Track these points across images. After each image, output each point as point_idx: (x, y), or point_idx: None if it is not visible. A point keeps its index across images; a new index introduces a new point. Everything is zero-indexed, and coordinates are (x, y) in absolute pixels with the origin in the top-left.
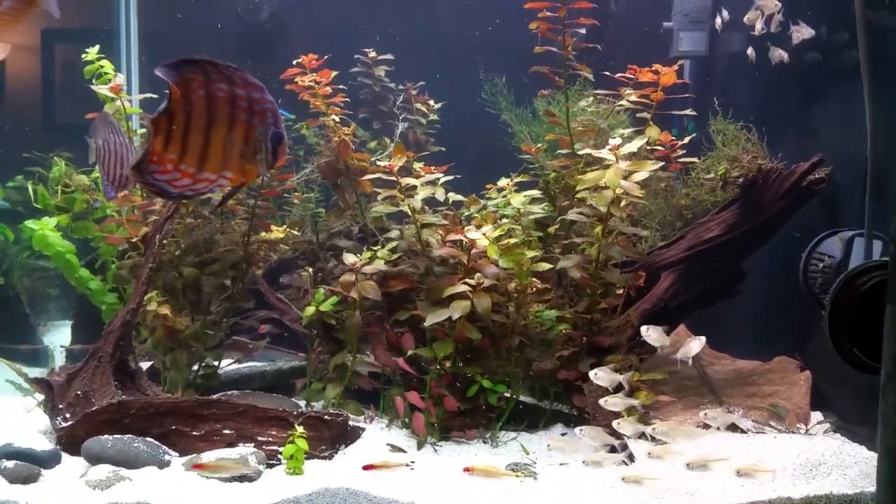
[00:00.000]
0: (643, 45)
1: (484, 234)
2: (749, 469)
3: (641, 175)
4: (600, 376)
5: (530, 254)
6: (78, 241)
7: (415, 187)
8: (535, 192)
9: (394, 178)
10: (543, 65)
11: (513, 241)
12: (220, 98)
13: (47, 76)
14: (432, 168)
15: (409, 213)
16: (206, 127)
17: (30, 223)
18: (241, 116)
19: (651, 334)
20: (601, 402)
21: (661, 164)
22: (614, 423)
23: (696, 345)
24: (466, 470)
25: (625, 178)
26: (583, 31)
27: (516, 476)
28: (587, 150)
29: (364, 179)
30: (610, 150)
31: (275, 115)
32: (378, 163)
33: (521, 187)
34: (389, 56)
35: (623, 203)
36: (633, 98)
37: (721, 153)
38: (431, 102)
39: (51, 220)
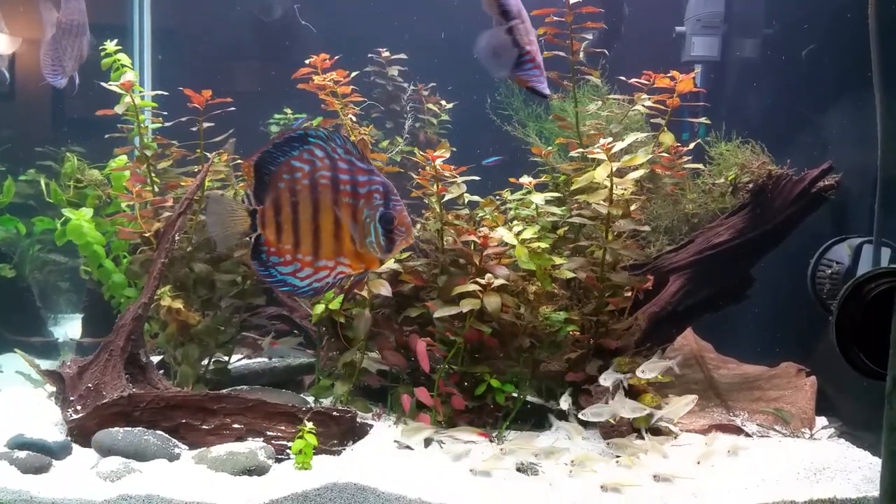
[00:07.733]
0: (655, 49)
1: (514, 235)
2: (614, 484)
3: (638, 173)
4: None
5: (558, 260)
6: None
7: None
8: (551, 194)
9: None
10: (553, 69)
11: (543, 244)
12: (324, 185)
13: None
14: (452, 168)
15: (437, 209)
16: (313, 215)
17: (66, 212)
18: (344, 201)
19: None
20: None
21: (650, 157)
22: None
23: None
24: None
25: (619, 175)
26: (590, 36)
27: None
28: (580, 151)
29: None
30: (600, 147)
31: (385, 195)
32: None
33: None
34: (403, 56)
35: (634, 207)
36: (649, 103)
37: (729, 160)
38: (443, 102)
39: (86, 211)
